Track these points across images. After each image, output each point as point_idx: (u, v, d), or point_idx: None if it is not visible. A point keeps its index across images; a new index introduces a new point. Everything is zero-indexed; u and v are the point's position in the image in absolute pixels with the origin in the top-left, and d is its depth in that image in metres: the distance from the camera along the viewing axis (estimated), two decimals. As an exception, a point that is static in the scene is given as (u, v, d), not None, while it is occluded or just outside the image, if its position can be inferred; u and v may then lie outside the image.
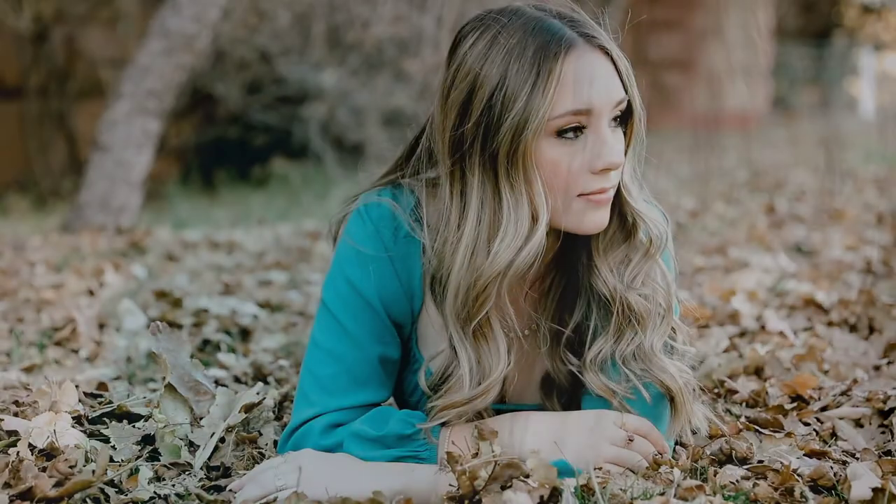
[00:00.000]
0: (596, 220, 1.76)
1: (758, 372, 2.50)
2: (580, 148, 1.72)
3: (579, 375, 1.85)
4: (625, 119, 1.78)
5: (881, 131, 15.55)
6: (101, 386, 2.44)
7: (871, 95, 24.15)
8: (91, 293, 3.73)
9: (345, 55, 8.27)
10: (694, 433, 1.93)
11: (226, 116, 8.63)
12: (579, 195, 1.74)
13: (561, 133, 1.71)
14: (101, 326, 3.22)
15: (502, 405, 2.00)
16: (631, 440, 1.76)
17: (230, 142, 8.85)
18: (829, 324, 3.04)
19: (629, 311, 1.80)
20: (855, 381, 2.33)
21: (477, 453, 1.68)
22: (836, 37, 26.93)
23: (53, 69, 8.99)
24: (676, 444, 1.99)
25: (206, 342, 3.01)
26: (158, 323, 2.14)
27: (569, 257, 1.87)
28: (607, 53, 1.74)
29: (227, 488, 1.81)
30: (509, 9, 1.75)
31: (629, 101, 1.77)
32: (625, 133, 1.79)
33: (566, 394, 1.93)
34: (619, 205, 1.80)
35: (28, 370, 2.70)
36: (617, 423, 1.77)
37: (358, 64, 8.27)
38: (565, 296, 1.91)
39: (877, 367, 2.52)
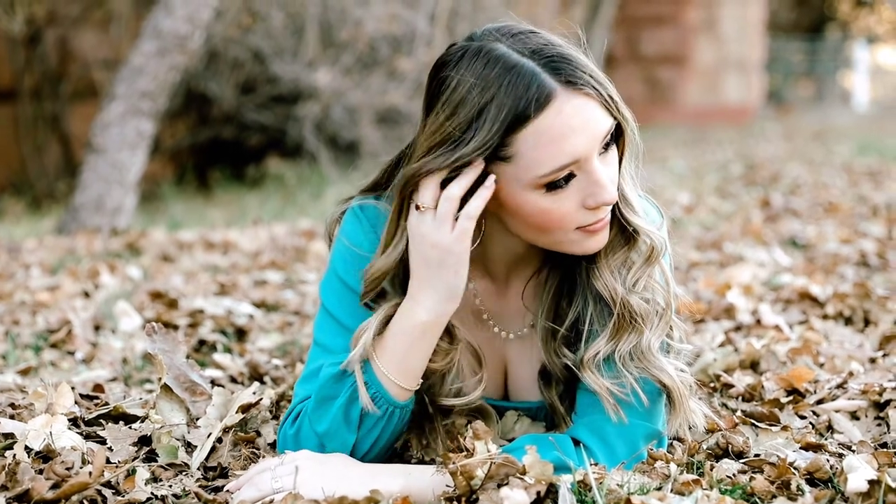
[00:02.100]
0: (595, 244, 1.77)
1: (753, 366, 2.50)
2: (572, 191, 1.71)
3: (577, 372, 1.84)
4: (615, 134, 1.76)
5: (875, 124, 15.58)
6: (97, 387, 2.44)
7: (865, 88, 24.17)
8: (86, 295, 3.73)
9: (338, 54, 8.26)
10: (690, 428, 1.94)
11: (220, 116, 8.61)
12: (576, 229, 1.74)
13: (551, 186, 1.70)
14: (97, 328, 3.22)
15: (505, 403, 2.01)
16: None
17: (224, 142, 8.84)
18: (825, 317, 3.05)
19: (630, 313, 1.80)
20: (850, 373, 2.33)
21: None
22: (829, 30, 26.98)
23: (47, 71, 8.96)
24: (673, 439, 2.00)
25: (201, 342, 3.00)
26: (154, 324, 2.14)
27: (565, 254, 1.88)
28: (588, 93, 1.69)
29: (225, 489, 1.81)
30: (484, 51, 1.69)
31: (618, 122, 1.74)
32: (618, 145, 1.77)
33: (562, 384, 1.93)
34: (617, 215, 1.80)
35: (24, 373, 2.70)
36: None
37: (351, 63, 8.26)
38: (561, 289, 1.91)
39: (872, 360, 2.52)
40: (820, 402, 2.21)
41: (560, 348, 1.89)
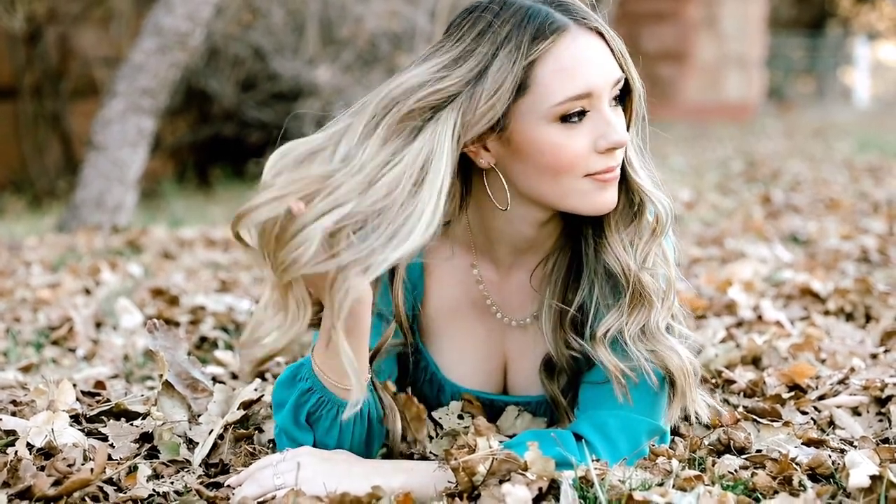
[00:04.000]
0: (605, 199, 1.77)
1: (755, 362, 2.50)
2: (584, 130, 1.73)
3: (590, 353, 1.83)
4: (623, 97, 1.80)
5: (876, 120, 15.57)
6: (99, 384, 2.44)
7: (866, 85, 24.17)
8: (87, 292, 3.73)
9: (339, 51, 8.26)
10: (697, 416, 1.92)
11: (220, 114, 8.61)
12: (585, 175, 1.74)
13: (565, 118, 1.72)
14: (98, 325, 3.22)
15: (505, 397, 2.00)
16: None
17: (225, 139, 8.83)
18: (826, 313, 3.05)
19: (641, 289, 1.80)
20: (852, 369, 2.33)
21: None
22: (830, 27, 26.95)
23: (47, 69, 8.97)
24: (674, 434, 2.00)
25: (203, 339, 3.00)
26: (155, 321, 2.14)
27: (573, 235, 1.88)
28: (600, 34, 1.75)
29: (226, 484, 1.81)
30: (498, 0, 1.74)
31: (626, 80, 1.77)
32: (625, 111, 1.81)
33: (566, 375, 1.92)
34: (625, 182, 1.81)
35: (25, 369, 2.70)
36: None
37: (352, 59, 8.25)
38: (567, 278, 1.90)
39: (874, 356, 2.52)
40: (821, 397, 2.21)
41: (568, 335, 1.88)
